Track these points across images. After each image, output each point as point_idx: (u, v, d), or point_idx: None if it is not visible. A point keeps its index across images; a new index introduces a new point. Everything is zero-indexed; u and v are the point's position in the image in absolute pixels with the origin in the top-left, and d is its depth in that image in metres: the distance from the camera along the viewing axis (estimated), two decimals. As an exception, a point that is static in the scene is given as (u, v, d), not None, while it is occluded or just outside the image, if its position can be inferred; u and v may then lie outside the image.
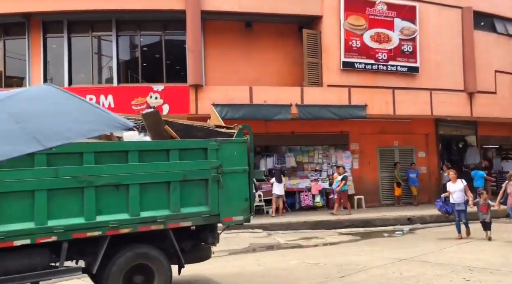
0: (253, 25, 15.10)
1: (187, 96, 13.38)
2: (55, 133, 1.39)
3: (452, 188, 9.87)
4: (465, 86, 16.62)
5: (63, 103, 1.43)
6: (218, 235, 6.16)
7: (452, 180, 9.97)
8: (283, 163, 15.13)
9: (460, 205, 9.69)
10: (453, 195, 9.80)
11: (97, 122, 1.75)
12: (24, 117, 1.38)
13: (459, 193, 9.74)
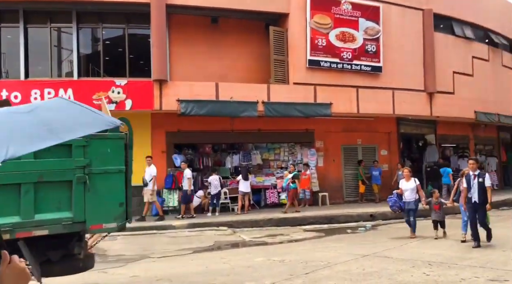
0: (220, 20, 14.93)
1: (151, 92, 13.06)
2: (69, 130, 2.04)
3: (404, 186, 9.70)
4: (425, 86, 17.15)
5: (72, 110, 2.17)
6: (86, 244, 5.39)
7: (406, 178, 9.76)
8: (249, 160, 15.09)
9: (410, 203, 9.57)
10: (405, 193, 9.64)
11: (96, 122, 2.37)
12: (48, 122, 1.98)
13: (411, 192, 9.59)
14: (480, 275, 5.95)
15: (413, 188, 9.57)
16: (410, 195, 9.57)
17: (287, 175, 13.93)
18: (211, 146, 15.37)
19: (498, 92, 20.39)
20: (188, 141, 14.85)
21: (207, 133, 14.61)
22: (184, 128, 14.22)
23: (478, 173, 8.15)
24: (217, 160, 15.42)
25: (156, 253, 8.69)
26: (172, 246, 9.58)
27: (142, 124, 13.99)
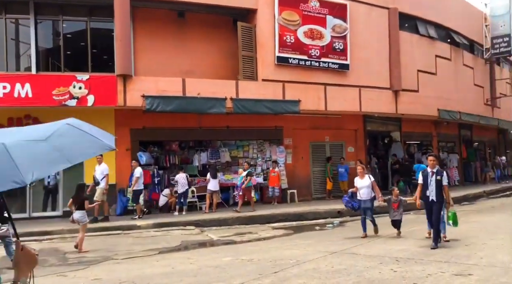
0: (186, 15, 14.61)
1: (115, 87, 12.60)
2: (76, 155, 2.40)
3: (359, 184, 9.32)
4: (391, 84, 17.46)
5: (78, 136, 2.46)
6: None
7: (360, 175, 9.40)
8: (218, 158, 14.86)
9: (366, 202, 9.19)
10: (360, 191, 9.27)
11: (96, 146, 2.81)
12: (61, 148, 2.27)
13: (366, 189, 9.21)
14: (445, 270, 6.02)
15: (368, 185, 9.22)
16: (365, 192, 9.22)
17: (241, 173, 13.63)
18: (178, 143, 15.02)
19: (459, 90, 21.06)
20: (154, 138, 14.44)
21: (174, 130, 14.27)
22: (150, 125, 13.83)
23: (437, 170, 7.81)
24: (184, 158, 15.10)
25: (120, 254, 8.36)
26: (137, 246, 9.26)
27: (105, 121, 13.47)
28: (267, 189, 15.47)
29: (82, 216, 8.73)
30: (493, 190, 19.66)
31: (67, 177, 13.08)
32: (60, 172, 13.38)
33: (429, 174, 7.81)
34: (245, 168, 13.78)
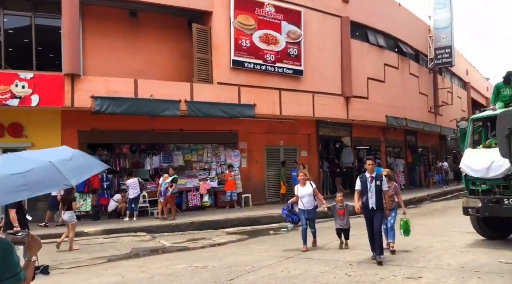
0: (139, 14, 14.21)
1: (62, 87, 11.94)
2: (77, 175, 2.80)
3: (301, 192, 8.43)
4: (343, 91, 17.93)
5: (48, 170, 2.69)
6: None
7: (301, 183, 8.51)
8: (171, 162, 14.50)
9: (309, 212, 8.36)
10: (302, 200, 8.39)
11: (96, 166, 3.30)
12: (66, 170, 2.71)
13: (308, 198, 8.36)
14: (397, 273, 6.19)
15: (311, 193, 8.39)
16: (308, 201, 8.35)
17: (166, 178, 12.88)
18: (129, 146, 14.51)
19: (405, 98, 22.03)
20: (103, 141, 13.85)
21: (125, 132, 13.77)
22: (99, 127, 13.25)
23: (376, 175, 7.19)
24: (136, 161, 14.61)
25: (65, 264, 7.89)
26: (84, 254, 8.79)
27: (51, 122, 12.81)
28: (221, 194, 15.32)
29: (71, 216, 9.32)
30: (436, 193, 20.68)
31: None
32: None
33: (368, 179, 7.16)
34: (170, 173, 12.99)
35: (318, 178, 18.05)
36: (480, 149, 8.52)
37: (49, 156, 2.93)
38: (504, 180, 7.68)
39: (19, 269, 2.22)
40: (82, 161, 3.15)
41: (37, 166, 2.70)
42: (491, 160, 7.72)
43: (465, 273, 6.04)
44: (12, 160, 2.78)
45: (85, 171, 3.17)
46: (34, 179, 2.57)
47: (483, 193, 8.05)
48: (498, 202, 7.65)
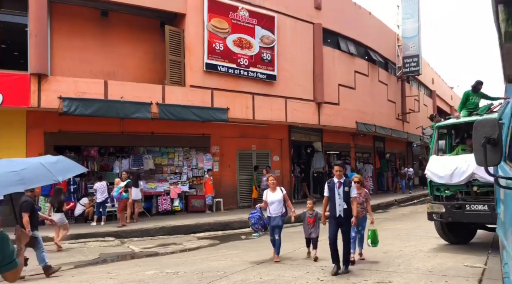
0: (110, 14, 13.92)
1: (28, 87, 11.51)
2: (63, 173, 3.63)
3: (270, 198, 7.80)
4: (314, 97, 18.14)
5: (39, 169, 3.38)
6: None
7: (271, 188, 7.89)
8: (141, 165, 14.23)
9: (276, 219, 7.74)
10: (271, 206, 7.77)
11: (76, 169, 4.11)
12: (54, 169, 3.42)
13: (277, 204, 7.75)
14: (368, 278, 6.27)
15: (280, 199, 7.79)
16: (277, 208, 7.75)
17: (118, 183, 12.40)
18: (98, 149, 14.14)
19: (375, 105, 22.52)
20: (71, 143, 13.44)
21: (93, 135, 13.41)
22: (67, 129, 12.86)
23: (344, 181, 6.78)
24: (104, 164, 14.26)
25: (28, 271, 7.56)
26: (49, 261, 8.45)
27: (16, 123, 12.34)
28: (192, 198, 15.16)
29: (62, 217, 9.72)
30: (403, 198, 21.21)
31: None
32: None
33: (335, 185, 6.73)
34: (123, 177, 12.57)
35: (290, 183, 18.17)
36: (445, 156, 8.79)
37: (39, 159, 3.67)
38: (466, 186, 7.93)
39: (15, 256, 2.53)
40: (66, 164, 3.97)
41: (30, 166, 3.35)
42: (454, 167, 7.96)
43: (433, 277, 6.19)
44: (6, 163, 3.34)
45: (70, 170, 3.95)
46: (27, 175, 3.18)
47: (447, 199, 8.27)
48: (460, 207, 7.88)
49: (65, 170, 3.78)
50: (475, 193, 7.86)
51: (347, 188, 6.71)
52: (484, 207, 7.65)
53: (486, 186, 7.67)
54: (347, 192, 6.71)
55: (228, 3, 15.18)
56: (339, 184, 6.74)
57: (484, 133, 3.16)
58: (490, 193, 7.74)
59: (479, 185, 7.77)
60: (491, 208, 7.51)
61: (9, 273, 2.50)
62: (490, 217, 7.57)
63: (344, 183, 6.75)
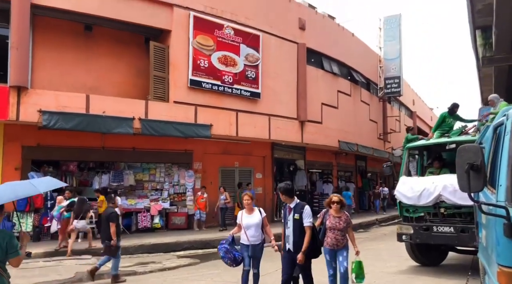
0: (94, 28, 13.83)
1: (6, 99, 11.24)
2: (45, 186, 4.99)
3: (245, 221, 6.28)
4: (298, 115, 18.27)
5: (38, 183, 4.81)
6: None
7: (247, 209, 6.38)
8: (121, 181, 13.97)
9: (255, 248, 6.22)
10: (247, 231, 6.22)
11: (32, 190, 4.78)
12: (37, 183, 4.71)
13: (255, 229, 6.23)
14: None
15: (258, 223, 6.28)
16: (254, 234, 6.23)
17: (61, 201, 11.45)
18: (77, 164, 13.85)
19: (357, 124, 22.81)
20: (50, 157, 13.12)
21: (73, 149, 13.14)
22: (45, 143, 12.58)
23: (296, 205, 5.65)
24: (83, 180, 13.96)
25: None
26: (21, 280, 8.13)
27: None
28: (173, 215, 14.92)
29: (84, 224, 11.21)
30: (384, 218, 21.31)
31: None
32: None
33: (286, 211, 5.72)
34: (66, 196, 11.66)
35: (272, 200, 18.09)
36: (413, 177, 8.79)
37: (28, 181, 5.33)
38: (434, 208, 7.97)
39: (18, 248, 3.83)
40: (48, 180, 5.27)
41: (19, 183, 4.77)
42: (422, 188, 8.00)
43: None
44: (5, 186, 4.43)
45: (51, 185, 5.12)
46: (19, 188, 4.42)
47: (415, 220, 8.27)
48: (428, 229, 7.89)
49: (47, 185, 5.02)
50: (442, 215, 7.90)
51: (297, 215, 5.56)
52: (450, 229, 7.67)
53: (453, 207, 7.73)
54: (297, 219, 5.55)
55: (213, 21, 15.29)
56: (289, 210, 5.68)
57: (467, 159, 3.19)
58: (457, 215, 7.81)
59: (446, 206, 7.82)
60: (457, 230, 7.56)
61: (13, 259, 3.81)
62: (456, 239, 7.61)
63: (295, 208, 5.63)
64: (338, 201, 6.15)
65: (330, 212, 6.17)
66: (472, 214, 7.48)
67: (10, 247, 3.73)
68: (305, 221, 5.59)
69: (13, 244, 3.75)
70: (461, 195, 7.42)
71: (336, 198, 6.23)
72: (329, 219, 6.11)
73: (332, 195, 6.46)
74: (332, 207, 6.13)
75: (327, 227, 6.05)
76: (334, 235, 6.01)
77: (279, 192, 6.00)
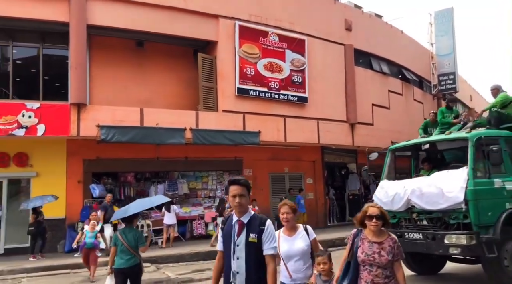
0: (145, 44, 14.43)
1: (68, 116, 12.01)
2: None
3: (283, 246, 4.07)
4: (347, 117, 17.93)
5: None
6: None
7: (285, 227, 4.19)
8: (175, 190, 14.42)
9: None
10: (288, 264, 4.06)
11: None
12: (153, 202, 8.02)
13: (299, 261, 4.05)
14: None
15: (304, 249, 4.07)
16: (299, 267, 4.05)
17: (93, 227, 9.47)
18: (134, 175, 14.46)
19: (410, 124, 21.90)
20: (108, 169, 13.82)
21: (130, 161, 13.75)
22: (104, 156, 13.25)
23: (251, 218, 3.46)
24: (140, 190, 14.52)
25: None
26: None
27: (56, 151, 12.87)
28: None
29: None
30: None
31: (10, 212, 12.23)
32: (3, 207, 12.46)
33: (232, 226, 3.45)
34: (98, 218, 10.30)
35: (324, 205, 17.84)
36: (391, 181, 8.23)
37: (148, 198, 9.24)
38: (407, 213, 7.44)
39: (144, 240, 6.14)
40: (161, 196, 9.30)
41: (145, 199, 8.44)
42: (394, 192, 7.55)
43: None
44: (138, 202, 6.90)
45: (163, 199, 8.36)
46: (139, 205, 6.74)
47: (393, 227, 7.55)
48: (401, 236, 7.26)
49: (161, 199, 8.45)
50: (414, 221, 7.37)
51: (253, 236, 3.34)
52: (419, 236, 7.11)
53: (424, 213, 7.17)
54: (253, 243, 3.34)
55: (258, 29, 15.43)
56: (239, 226, 3.39)
57: None
58: (428, 220, 7.22)
59: (418, 211, 7.28)
60: (425, 236, 6.99)
61: (142, 248, 6.01)
62: (425, 246, 7.02)
63: (250, 224, 3.39)
64: (378, 215, 3.65)
65: (365, 234, 3.74)
66: (441, 219, 7.00)
67: (140, 240, 6.01)
68: (266, 246, 3.35)
69: (142, 238, 6.14)
70: (428, 199, 7.00)
71: (376, 210, 3.70)
72: (362, 245, 3.69)
73: (368, 205, 3.82)
74: (368, 225, 3.69)
75: (359, 261, 3.67)
76: (371, 274, 3.59)
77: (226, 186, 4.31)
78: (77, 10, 12.28)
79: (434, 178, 7.28)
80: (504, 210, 6.77)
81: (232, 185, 3.44)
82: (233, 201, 3.43)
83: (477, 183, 6.75)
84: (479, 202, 6.63)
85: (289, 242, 4.13)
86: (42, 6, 12.03)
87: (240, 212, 3.45)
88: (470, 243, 6.45)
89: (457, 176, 6.88)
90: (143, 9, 13.32)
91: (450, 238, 6.63)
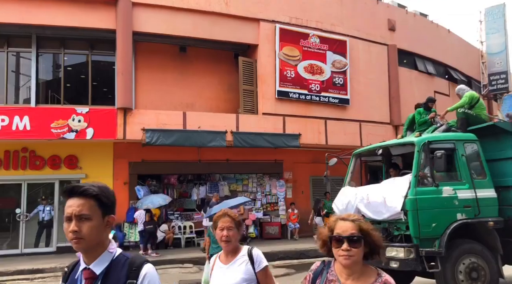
0: (188, 49, 14.74)
1: (115, 120, 12.49)
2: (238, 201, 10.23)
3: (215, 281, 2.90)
4: (391, 119, 17.44)
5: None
6: None
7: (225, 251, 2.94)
8: (217, 192, 14.57)
9: None
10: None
11: None
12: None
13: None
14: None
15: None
16: None
17: None
18: (177, 177, 14.79)
19: (458, 126, 21.03)
20: (153, 172, 14.22)
21: (173, 163, 14.08)
22: (149, 159, 13.65)
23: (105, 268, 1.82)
24: (183, 192, 14.83)
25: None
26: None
27: (104, 154, 13.38)
28: (267, 225, 15.15)
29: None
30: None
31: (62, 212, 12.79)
32: (55, 207, 13.10)
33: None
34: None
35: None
36: (350, 187, 7.81)
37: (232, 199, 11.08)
38: None
39: None
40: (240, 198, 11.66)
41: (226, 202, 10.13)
42: (347, 200, 7.15)
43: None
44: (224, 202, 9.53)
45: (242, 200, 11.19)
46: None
47: None
48: None
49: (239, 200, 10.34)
50: None
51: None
52: None
53: (375, 222, 6.47)
54: None
55: (299, 31, 15.37)
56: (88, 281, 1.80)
57: None
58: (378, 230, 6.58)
59: (370, 221, 6.69)
60: None
61: None
62: None
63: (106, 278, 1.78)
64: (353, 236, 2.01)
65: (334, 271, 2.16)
66: (387, 230, 6.48)
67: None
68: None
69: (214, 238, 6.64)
70: (373, 208, 6.54)
71: (349, 225, 2.04)
72: None
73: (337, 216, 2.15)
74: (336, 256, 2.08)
75: None
76: None
77: None
78: (123, 18, 12.76)
79: (381, 186, 6.91)
80: (453, 220, 6.18)
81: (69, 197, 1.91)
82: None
83: (420, 191, 6.23)
84: (420, 212, 6.11)
85: (223, 271, 2.85)
86: (91, 15, 12.60)
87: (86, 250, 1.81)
88: (408, 256, 6.00)
89: (399, 184, 6.46)
90: (186, 15, 13.63)
91: (390, 251, 6.17)
